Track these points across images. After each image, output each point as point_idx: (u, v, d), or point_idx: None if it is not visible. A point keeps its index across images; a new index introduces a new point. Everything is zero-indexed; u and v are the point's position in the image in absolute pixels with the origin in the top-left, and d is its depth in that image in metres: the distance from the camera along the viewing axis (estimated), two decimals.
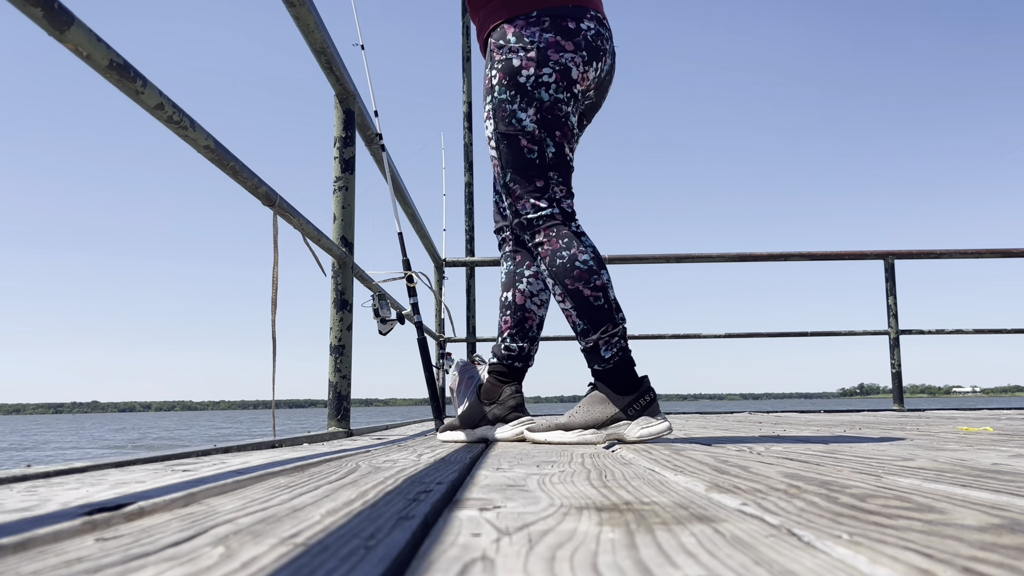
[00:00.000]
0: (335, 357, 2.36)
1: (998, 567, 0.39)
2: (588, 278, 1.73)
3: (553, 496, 0.71)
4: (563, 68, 1.74)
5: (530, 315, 1.94)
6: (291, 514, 0.60)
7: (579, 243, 1.76)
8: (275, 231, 1.85)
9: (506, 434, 1.83)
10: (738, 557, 0.42)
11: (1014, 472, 0.87)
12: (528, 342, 1.94)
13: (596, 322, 1.72)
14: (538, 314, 1.96)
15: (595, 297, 1.73)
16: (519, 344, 1.92)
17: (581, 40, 1.75)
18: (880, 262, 4.68)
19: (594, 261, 1.75)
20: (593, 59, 1.77)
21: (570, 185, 1.82)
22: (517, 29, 1.76)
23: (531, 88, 1.74)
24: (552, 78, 1.73)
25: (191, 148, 1.42)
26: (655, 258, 4.69)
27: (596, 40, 1.78)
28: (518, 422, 1.85)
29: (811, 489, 0.73)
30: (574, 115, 1.80)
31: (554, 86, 1.74)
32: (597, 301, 1.72)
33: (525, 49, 1.75)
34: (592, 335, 1.72)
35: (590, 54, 1.76)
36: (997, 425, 2.31)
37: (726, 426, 2.49)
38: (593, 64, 1.78)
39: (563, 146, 1.78)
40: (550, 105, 1.75)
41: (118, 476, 0.98)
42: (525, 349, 1.93)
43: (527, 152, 1.77)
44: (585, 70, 1.76)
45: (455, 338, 4.64)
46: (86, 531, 0.53)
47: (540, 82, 1.74)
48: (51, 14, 0.97)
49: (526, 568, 0.40)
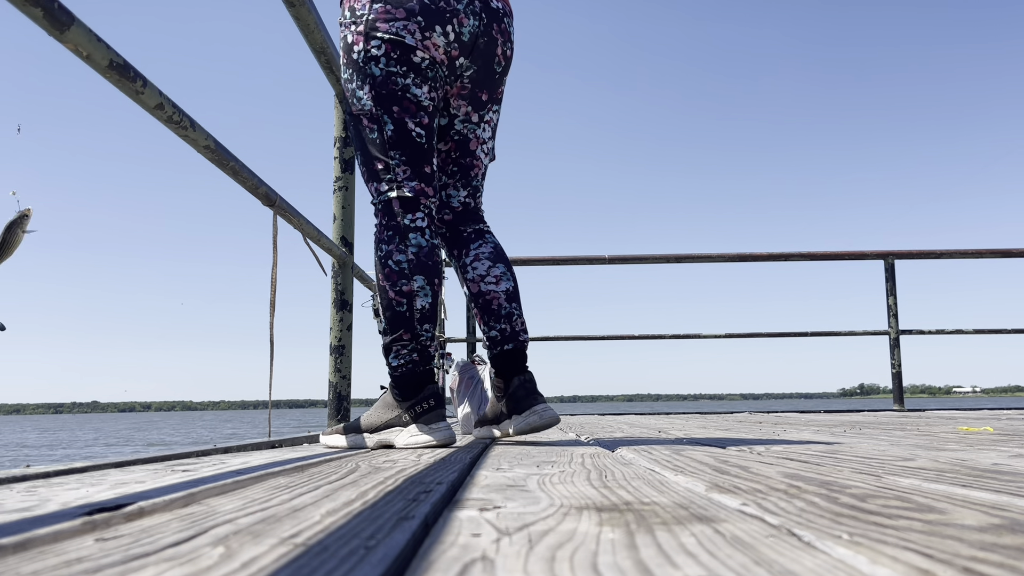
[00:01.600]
0: (335, 357, 2.37)
1: (998, 567, 0.39)
2: (396, 280, 1.64)
3: (553, 496, 0.71)
4: (393, 39, 1.61)
5: (492, 295, 1.81)
6: (291, 514, 0.60)
7: (401, 241, 1.66)
8: (275, 231, 1.86)
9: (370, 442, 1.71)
10: (738, 557, 0.42)
11: (1014, 472, 0.87)
12: (504, 320, 1.80)
13: (393, 325, 1.65)
14: (499, 290, 1.81)
15: (398, 302, 1.65)
16: (498, 327, 1.80)
17: (415, 5, 1.61)
18: (880, 262, 4.68)
19: (409, 265, 1.64)
20: (435, 22, 1.62)
21: (422, 166, 1.69)
22: (350, 2, 1.66)
23: (363, 64, 1.64)
24: (381, 50, 1.62)
25: (191, 148, 1.42)
26: (655, 258, 4.69)
27: (436, 3, 1.62)
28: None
29: (811, 489, 0.73)
30: (421, 87, 1.65)
31: (383, 59, 1.62)
32: (400, 306, 1.65)
33: (355, 23, 1.65)
34: (387, 337, 1.67)
35: (428, 18, 1.62)
36: (997, 425, 2.31)
37: (726, 426, 2.49)
38: (436, 28, 1.63)
39: (403, 122, 1.65)
40: (383, 80, 1.63)
41: (118, 476, 0.98)
42: (507, 330, 1.80)
43: (368, 132, 1.67)
44: (426, 36, 1.62)
45: (455, 338, 4.64)
46: (86, 531, 0.53)
47: (369, 56, 1.63)
48: (51, 14, 0.97)
49: (526, 568, 0.40)
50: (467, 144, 1.83)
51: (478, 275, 1.83)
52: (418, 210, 1.69)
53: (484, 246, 1.86)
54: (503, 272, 1.84)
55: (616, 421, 3.30)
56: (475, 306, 1.83)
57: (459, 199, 1.88)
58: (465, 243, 1.87)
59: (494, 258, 1.84)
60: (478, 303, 1.82)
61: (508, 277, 1.84)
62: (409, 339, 1.65)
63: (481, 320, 1.82)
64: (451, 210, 1.88)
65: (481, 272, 1.83)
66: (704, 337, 4.86)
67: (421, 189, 1.69)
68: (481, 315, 1.82)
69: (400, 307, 1.65)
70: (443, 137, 1.83)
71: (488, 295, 1.81)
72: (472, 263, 1.84)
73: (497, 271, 1.83)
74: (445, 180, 1.87)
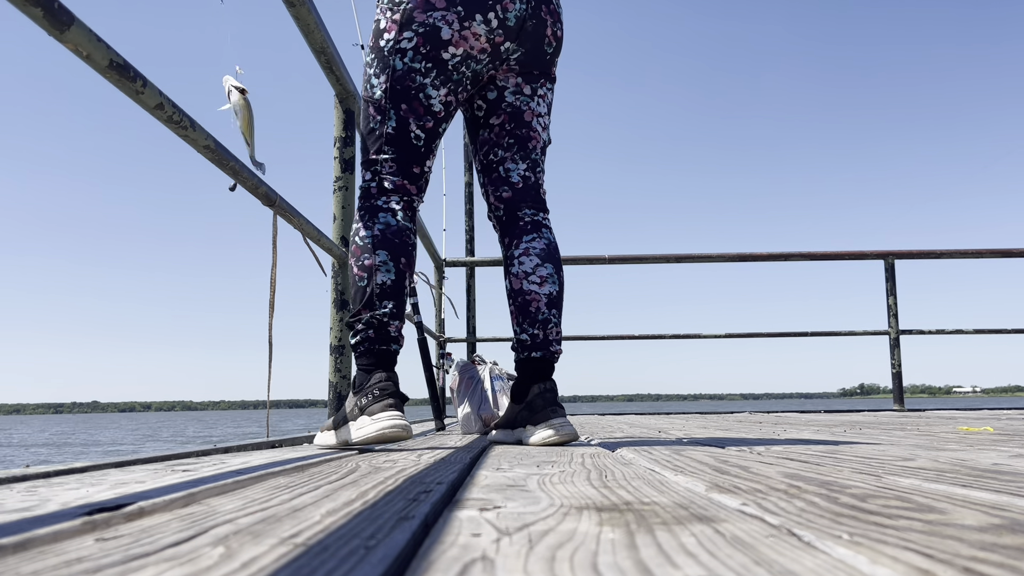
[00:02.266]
0: (335, 357, 2.37)
1: (998, 567, 0.39)
2: (359, 255, 1.61)
3: (553, 496, 0.71)
4: (429, 30, 1.56)
5: (532, 296, 1.71)
6: (291, 514, 0.60)
7: (371, 219, 1.62)
8: (275, 231, 1.86)
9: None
10: (738, 557, 0.42)
11: (1014, 472, 0.87)
12: (539, 326, 1.70)
13: (355, 300, 1.62)
14: (541, 292, 1.71)
15: (360, 276, 1.61)
16: (530, 332, 1.70)
17: None
18: (880, 262, 4.68)
19: (372, 240, 1.60)
20: (476, 11, 1.57)
21: (411, 166, 1.65)
22: None
23: (387, 54, 1.60)
24: (412, 43, 1.57)
25: (191, 148, 1.42)
26: (655, 258, 4.69)
27: None
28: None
29: (811, 489, 0.73)
30: (439, 88, 1.61)
31: (411, 53, 1.58)
32: (361, 281, 1.60)
33: (392, 9, 1.59)
34: (350, 313, 1.63)
35: (468, 7, 1.56)
36: (997, 425, 2.31)
37: (726, 426, 2.49)
38: (476, 17, 1.57)
39: (407, 122, 1.62)
40: (402, 75, 1.59)
41: (118, 476, 0.98)
42: (539, 337, 1.70)
43: (371, 120, 1.65)
44: (465, 26, 1.56)
45: (455, 338, 4.64)
46: (86, 531, 0.53)
47: (397, 48, 1.59)
48: (51, 14, 0.97)
49: (526, 568, 0.40)
50: (521, 115, 1.74)
51: (523, 271, 1.72)
52: (394, 195, 1.66)
53: (537, 240, 1.74)
54: (550, 273, 1.73)
55: (616, 421, 3.30)
56: (512, 304, 1.74)
57: (518, 172, 1.76)
58: (519, 232, 1.76)
59: (544, 256, 1.73)
60: (516, 302, 1.73)
61: (554, 280, 1.73)
62: (367, 315, 1.60)
63: (515, 320, 1.73)
64: (510, 186, 1.77)
65: (527, 269, 1.72)
66: (704, 337, 4.87)
67: (402, 185, 1.66)
68: (517, 315, 1.73)
69: (361, 281, 1.61)
70: (494, 111, 1.74)
71: (529, 295, 1.71)
72: (520, 256, 1.73)
73: (544, 271, 1.72)
74: (502, 154, 1.76)
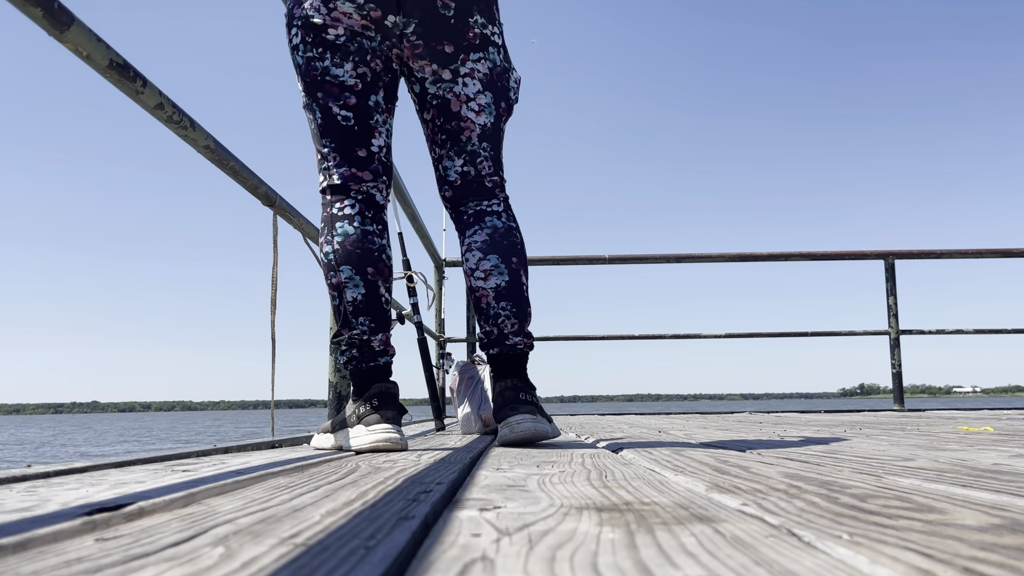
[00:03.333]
0: (335, 357, 2.36)
1: (998, 567, 0.39)
2: (327, 273, 1.58)
3: (553, 496, 0.71)
4: (305, 21, 1.55)
5: (480, 293, 1.64)
6: (291, 514, 0.60)
7: (329, 231, 1.58)
8: (275, 231, 1.86)
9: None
10: (738, 557, 0.42)
11: (1014, 472, 0.87)
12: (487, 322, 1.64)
13: (336, 320, 1.58)
14: (487, 287, 1.63)
15: (332, 296, 1.58)
16: (485, 329, 1.66)
17: None
18: (880, 262, 4.68)
19: (335, 255, 1.56)
20: None
21: (353, 149, 1.59)
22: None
23: (292, 56, 1.59)
24: (299, 37, 1.56)
25: (191, 148, 1.42)
26: (655, 258, 4.69)
27: None
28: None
29: (811, 489, 0.73)
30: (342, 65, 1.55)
31: (302, 47, 1.56)
32: (334, 300, 1.58)
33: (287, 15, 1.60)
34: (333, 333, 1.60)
35: None
36: (997, 425, 2.31)
37: (726, 426, 2.49)
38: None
39: (328, 108, 1.57)
40: (306, 67, 1.57)
41: (118, 476, 0.98)
42: (493, 333, 1.64)
43: (309, 124, 1.62)
44: (331, 8, 1.52)
45: (455, 338, 4.64)
46: (86, 531, 0.53)
47: (292, 47, 1.58)
48: (51, 14, 0.97)
49: (526, 568, 0.40)
50: (447, 106, 1.63)
51: (469, 268, 1.65)
52: (347, 196, 1.60)
53: (479, 232, 1.66)
54: (494, 265, 1.63)
55: (616, 421, 3.30)
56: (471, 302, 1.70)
57: (455, 170, 1.68)
58: (463, 228, 1.70)
59: (487, 248, 1.64)
60: (471, 299, 1.67)
61: (501, 271, 1.63)
62: (347, 334, 1.56)
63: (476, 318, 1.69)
64: (450, 185, 1.69)
65: (472, 265, 1.65)
66: (704, 337, 4.86)
67: (351, 174, 1.59)
68: (475, 313, 1.68)
69: (334, 300, 1.57)
70: (424, 107, 1.67)
71: (477, 292, 1.64)
72: (465, 253, 1.67)
73: (488, 264, 1.63)
74: (439, 152, 1.69)
